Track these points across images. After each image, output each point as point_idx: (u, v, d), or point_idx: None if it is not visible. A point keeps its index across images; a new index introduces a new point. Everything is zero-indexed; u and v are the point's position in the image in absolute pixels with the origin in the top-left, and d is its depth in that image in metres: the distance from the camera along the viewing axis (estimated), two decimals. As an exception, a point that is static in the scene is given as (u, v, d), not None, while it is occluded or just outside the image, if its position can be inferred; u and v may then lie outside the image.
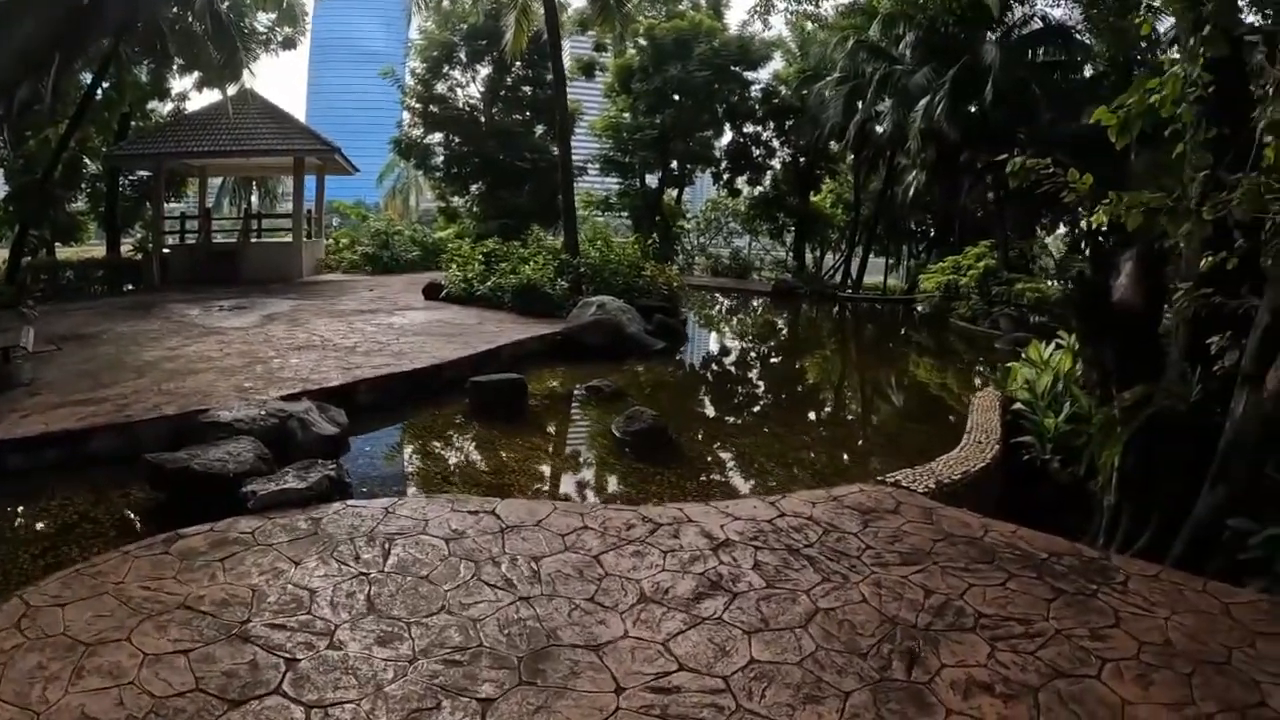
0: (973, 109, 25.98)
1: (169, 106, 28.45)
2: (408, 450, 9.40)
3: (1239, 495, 6.17)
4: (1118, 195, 6.03)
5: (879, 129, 32.16)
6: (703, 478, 8.66)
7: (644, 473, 8.60)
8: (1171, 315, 7.51)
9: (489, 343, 13.17)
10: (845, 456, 10.04)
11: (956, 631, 4.70)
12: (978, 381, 15.05)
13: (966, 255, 26.67)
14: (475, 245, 20.66)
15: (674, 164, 37.98)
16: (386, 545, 5.60)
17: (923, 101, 25.70)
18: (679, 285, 20.67)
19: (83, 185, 25.61)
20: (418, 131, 36.20)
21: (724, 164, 39.67)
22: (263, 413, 8.23)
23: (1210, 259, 6.08)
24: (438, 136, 36.30)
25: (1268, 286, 6.26)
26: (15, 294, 12.82)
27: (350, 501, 6.48)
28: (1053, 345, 11.19)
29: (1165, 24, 24.31)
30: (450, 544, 5.67)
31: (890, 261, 42.52)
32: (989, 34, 27.09)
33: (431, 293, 19.12)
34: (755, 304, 29.70)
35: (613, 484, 8.44)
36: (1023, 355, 11.71)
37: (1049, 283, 26.41)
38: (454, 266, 19.91)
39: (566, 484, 8.41)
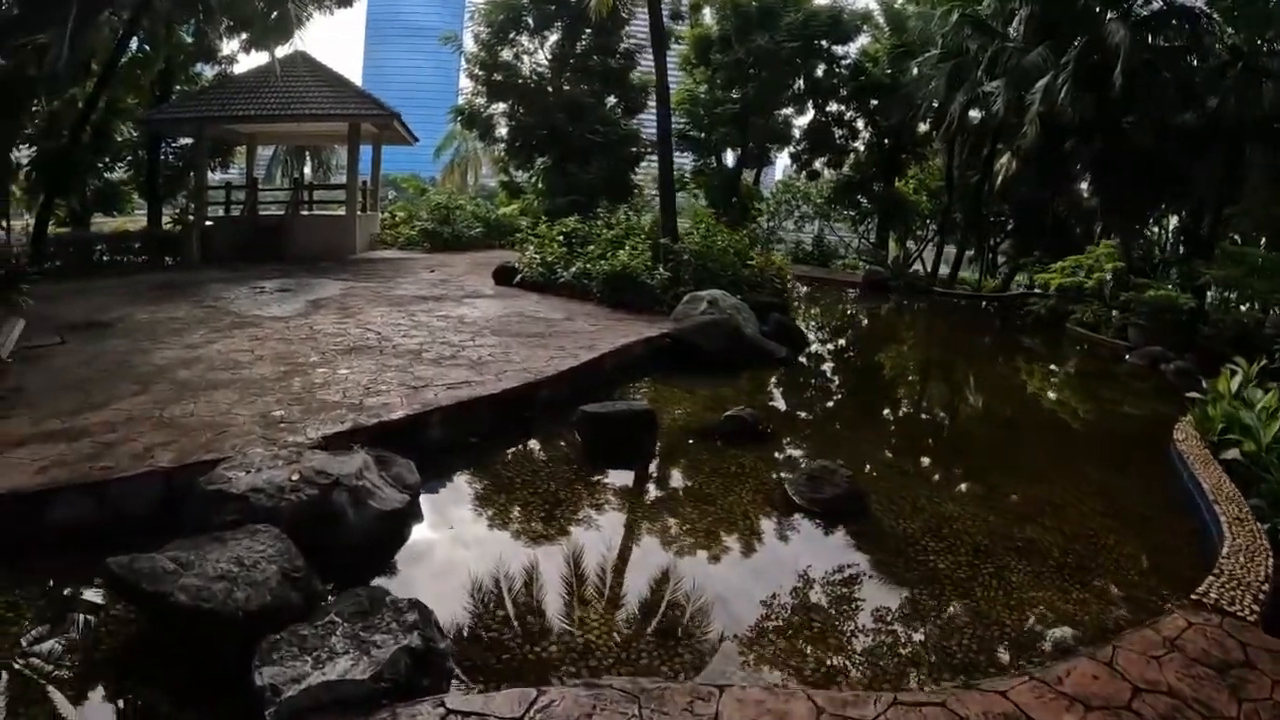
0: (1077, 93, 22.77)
1: (215, 70, 26.00)
2: (507, 529, 6.29)
3: None
4: None
5: (975, 113, 28.94)
6: (945, 591, 5.80)
7: (867, 579, 5.86)
8: None
9: (589, 348, 10.37)
10: (1082, 531, 7.00)
11: None
12: (1130, 407, 12.88)
13: (1089, 254, 23.49)
14: (554, 224, 17.87)
15: (751, 143, 35.06)
16: None
17: (1041, 83, 22.49)
18: (789, 278, 17.68)
19: (122, 153, 23.31)
20: (480, 100, 33.61)
21: (803, 144, 36.59)
22: (296, 478, 5.49)
23: None
24: (501, 106, 33.70)
25: None
26: (4, 279, 10.28)
27: (453, 700, 3.54)
28: (1236, 376, 9.61)
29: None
30: None
31: (970, 254, 39.06)
32: (1110, 12, 23.77)
33: (503, 277, 16.40)
34: (849, 297, 26.65)
35: (848, 615, 5.41)
36: (1203, 385, 10.07)
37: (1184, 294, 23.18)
38: (531, 248, 17.14)
39: (782, 616, 5.29)
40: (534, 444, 8.10)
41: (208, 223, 21.48)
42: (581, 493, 7.04)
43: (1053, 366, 17.66)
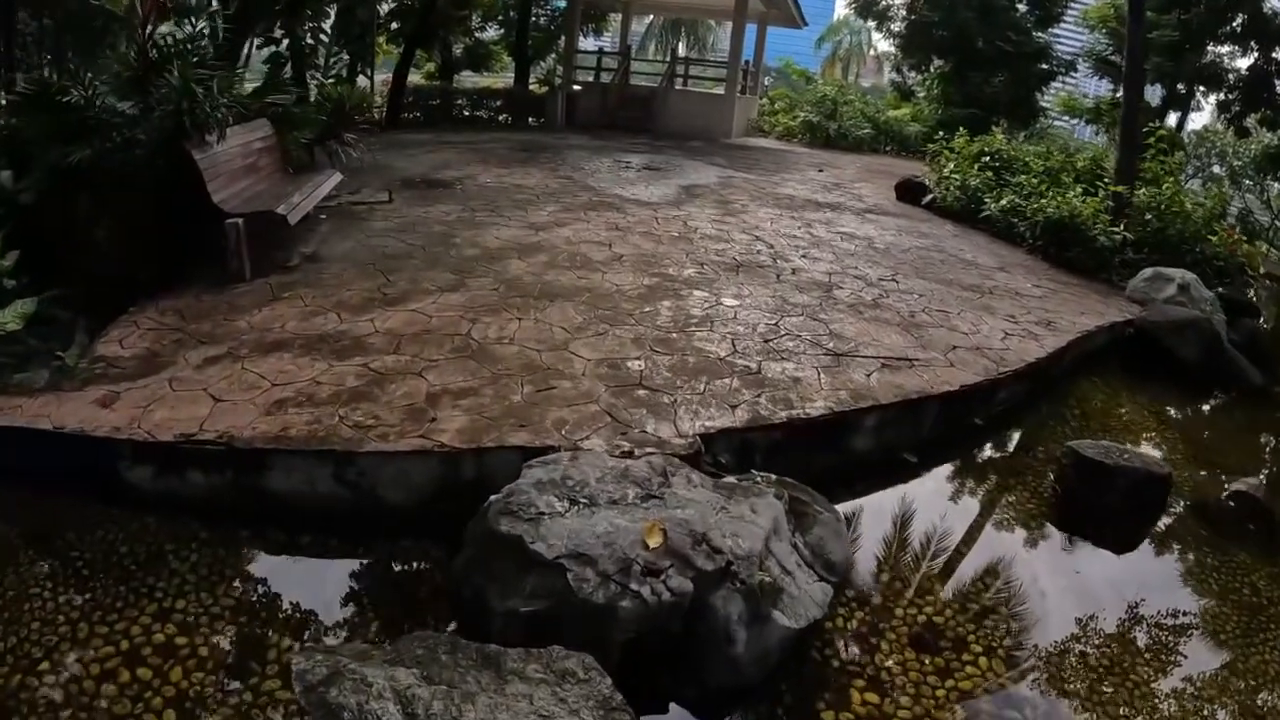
0: None
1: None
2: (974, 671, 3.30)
3: None
4: None
5: None
6: None
7: None
8: None
9: (1045, 325, 6.78)
10: None
11: None
12: None
13: None
14: (973, 138, 14.12)
15: (1180, 81, 28.30)
16: None
17: None
18: (1261, 271, 12.50)
19: (493, 12, 22.14)
20: (877, -13, 29.54)
21: (1235, 92, 28.99)
22: (657, 544, 2.72)
23: None
24: (900, -1, 29.49)
25: None
26: (330, 125, 8.50)
27: None
28: None
29: None
30: None
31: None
32: None
33: (907, 193, 13.01)
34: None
35: None
36: None
37: None
38: (948, 165, 13.51)
39: None
40: (984, 476, 5.00)
41: (575, 87, 19.80)
42: (1059, 580, 3.91)
43: None
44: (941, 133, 15.74)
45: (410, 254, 6.54)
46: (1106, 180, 11.55)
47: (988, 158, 13.13)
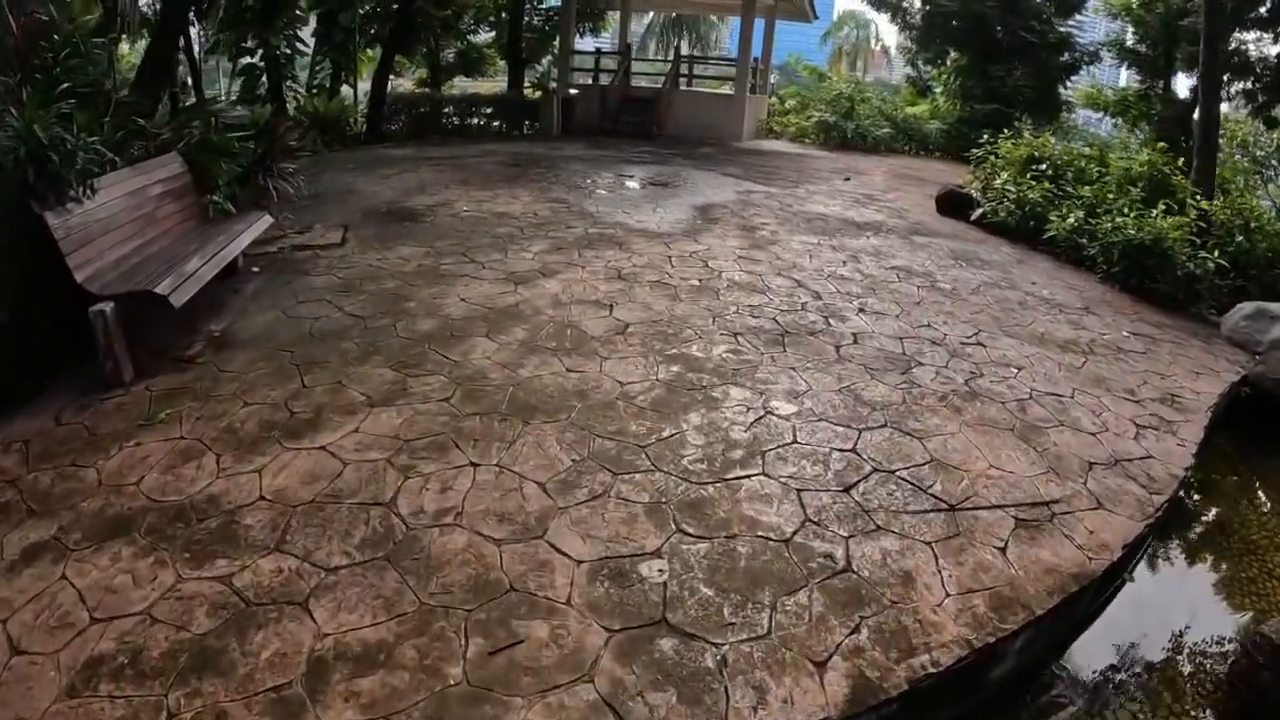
0: None
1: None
2: None
3: None
4: None
5: None
6: None
7: None
8: None
9: (1174, 405, 5.17)
10: None
11: None
12: None
13: None
14: (1018, 141, 12.37)
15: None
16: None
17: None
18: None
19: (483, 14, 20.89)
20: (892, -25, 27.96)
21: (1263, 80, 27.13)
22: None
23: None
24: (916, -13, 27.92)
25: None
26: (260, 154, 6.92)
27: None
28: None
29: None
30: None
31: None
32: None
33: (950, 206, 11.28)
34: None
35: None
36: None
37: None
38: (1002, 176, 11.67)
39: None
40: (1148, 687, 3.38)
41: (571, 91, 18.28)
42: None
43: None
44: (970, 132, 14.22)
45: (345, 332, 4.96)
46: (1195, 194, 9.80)
47: (1041, 165, 11.38)
